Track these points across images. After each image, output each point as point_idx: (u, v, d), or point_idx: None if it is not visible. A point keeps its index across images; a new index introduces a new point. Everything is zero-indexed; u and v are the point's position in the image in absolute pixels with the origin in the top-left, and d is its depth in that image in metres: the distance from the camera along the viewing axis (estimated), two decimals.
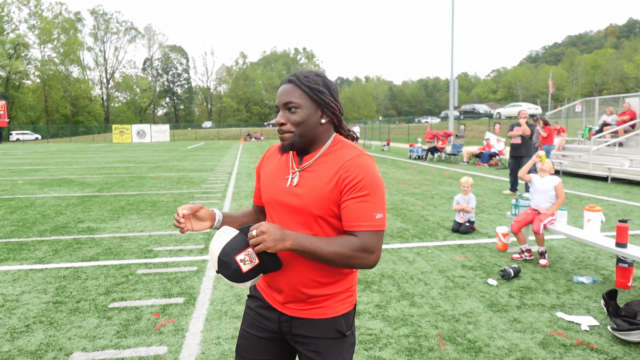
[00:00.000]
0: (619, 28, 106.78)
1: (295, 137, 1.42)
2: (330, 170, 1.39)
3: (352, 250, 1.33)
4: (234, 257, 1.33)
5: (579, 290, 4.03)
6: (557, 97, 71.85)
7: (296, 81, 1.41)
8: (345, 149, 1.43)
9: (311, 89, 1.40)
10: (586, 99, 17.11)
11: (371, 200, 1.35)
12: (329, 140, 1.47)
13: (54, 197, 9.37)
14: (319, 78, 1.44)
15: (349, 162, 1.38)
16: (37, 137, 55.98)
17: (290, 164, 1.49)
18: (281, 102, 1.42)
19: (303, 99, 1.40)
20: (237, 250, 1.34)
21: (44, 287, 4.13)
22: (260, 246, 1.25)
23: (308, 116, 1.41)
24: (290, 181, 1.45)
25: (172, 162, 19.04)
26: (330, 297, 1.46)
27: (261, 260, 1.36)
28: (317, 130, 1.44)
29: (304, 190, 1.41)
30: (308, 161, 1.45)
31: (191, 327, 3.32)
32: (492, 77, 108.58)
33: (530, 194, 5.16)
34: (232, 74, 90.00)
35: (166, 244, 5.62)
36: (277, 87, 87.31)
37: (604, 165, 12.09)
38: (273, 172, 1.53)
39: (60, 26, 69.92)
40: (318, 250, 1.30)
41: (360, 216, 1.34)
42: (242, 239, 1.36)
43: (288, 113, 1.41)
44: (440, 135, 19.77)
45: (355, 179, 1.35)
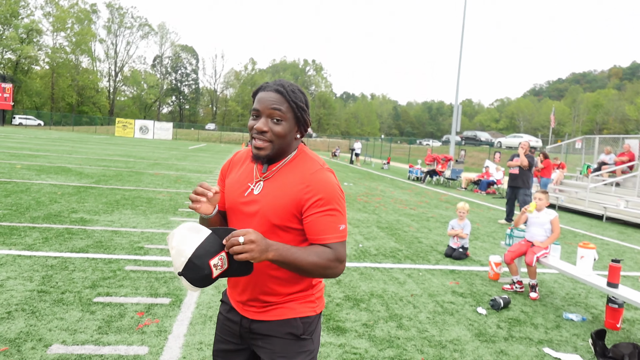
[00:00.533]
0: (622, 70, 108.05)
1: (274, 148, 1.42)
2: (292, 182, 1.42)
3: (328, 260, 1.36)
4: (208, 261, 1.24)
5: (567, 327, 4.00)
6: (558, 132, 72.36)
7: (285, 94, 1.42)
8: (307, 162, 1.46)
9: (298, 106, 1.43)
10: (586, 136, 17.22)
11: (335, 213, 1.39)
12: (293, 152, 1.50)
13: (50, 185, 9.32)
14: (302, 95, 1.46)
15: (310, 177, 1.41)
16: (39, 123, 55.91)
17: (254, 172, 1.51)
18: (267, 109, 1.41)
19: (289, 112, 1.42)
20: (212, 254, 1.25)
21: (30, 274, 4.08)
22: (244, 255, 1.21)
23: (289, 130, 1.43)
24: (252, 189, 1.47)
25: (172, 161, 19.02)
26: (289, 300, 1.48)
27: (230, 265, 1.29)
28: (290, 144, 1.47)
29: (266, 199, 1.43)
30: (271, 170, 1.47)
31: (175, 329, 3.28)
32: (495, 106, 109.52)
33: (526, 226, 5.15)
34: (240, 78, 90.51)
35: (158, 242, 5.58)
36: None
37: (600, 204, 12.12)
38: (238, 179, 1.54)
39: (75, 16, 70.38)
40: (298, 262, 1.30)
41: (327, 229, 1.38)
42: (216, 241, 1.27)
43: (271, 122, 1.41)
44: (441, 158, 19.83)
45: (317, 195, 1.38)
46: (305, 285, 1.50)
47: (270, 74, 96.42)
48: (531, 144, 10.86)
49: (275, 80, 1.48)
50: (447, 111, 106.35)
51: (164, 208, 7.90)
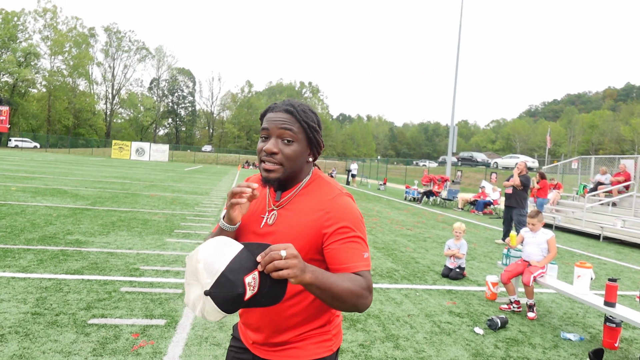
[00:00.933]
0: (616, 91, 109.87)
1: (285, 171, 1.33)
2: (309, 210, 1.33)
3: (362, 288, 1.24)
4: (243, 278, 1.06)
5: (565, 346, 3.98)
6: (554, 153, 73.00)
7: (296, 114, 1.33)
8: (324, 187, 1.37)
9: (309, 125, 1.35)
10: (582, 156, 17.39)
11: (358, 240, 1.30)
12: (308, 176, 1.41)
13: (46, 207, 9.29)
14: (314, 115, 1.38)
15: (329, 203, 1.32)
16: (35, 146, 55.97)
17: (267, 201, 1.42)
18: (277, 129, 1.32)
19: (300, 133, 1.34)
20: (247, 270, 1.07)
21: (24, 296, 4.04)
22: (286, 272, 1.06)
23: (301, 152, 1.35)
24: (266, 220, 1.38)
25: (168, 182, 19.01)
26: (304, 338, 1.37)
27: (260, 290, 1.10)
28: (302, 167, 1.38)
29: (282, 229, 1.33)
30: (285, 197, 1.38)
31: (170, 350, 3.24)
32: (491, 127, 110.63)
33: (523, 245, 5.17)
34: (236, 101, 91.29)
35: (153, 264, 5.55)
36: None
37: (597, 223, 12.16)
38: (250, 208, 1.43)
39: (73, 40, 71.31)
40: (334, 287, 1.17)
41: (352, 257, 1.28)
42: (250, 257, 1.10)
43: (282, 143, 1.32)
44: (437, 179, 19.92)
45: (338, 222, 1.29)
46: (323, 322, 1.39)
47: (267, 96, 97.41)
48: (527, 165, 10.97)
49: (284, 100, 1.39)
50: (443, 132, 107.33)
51: (160, 229, 7.87)
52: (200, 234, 7.77)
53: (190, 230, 8.00)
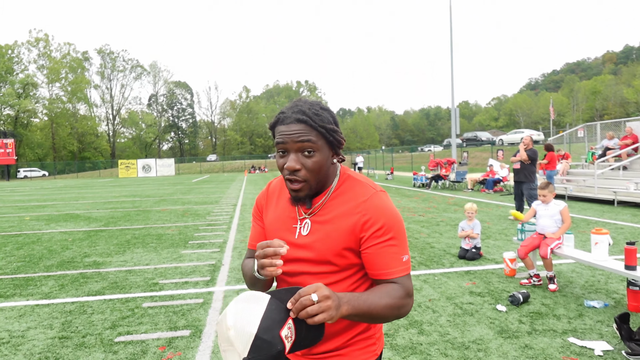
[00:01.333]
0: (616, 55, 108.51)
1: (313, 186, 1.24)
2: (344, 214, 1.25)
3: (401, 298, 1.20)
4: (279, 333, 0.98)
5: (590, 314, 3.96)
6: (559, 123, 72.35)
7: (310, 122, 1.21)
8: (356, 187, 1.29)
9: (327, 129, 1.23)
10: (588, 124, 17.23)
11: (396, 242, 1.23)
12: (336, 178, 1.32)
13: (61, 232, 9.40)
14: (327, 113, 1.28)
15: (365, 205, 1.24)
16: (44, 174, 56.62)
17: (297, 209, 1.33)
18: (294, 143, 1.21)
19: (319, 140, 1.23)
20: (280, 323, 1.00)
21: (50, 322, 4.11)
22: (321, 317, 1.00)
23: (325, 159, 1.25)
24: (299, 231, 1.30)
25: (177, 195, 19.14)
26: (349, 345, 1.30)
27: (298, 334, 1.03)
28: (328, 172, 1.29)
29: (318, 238, 1.26)
30: (316, 204, 1.29)
31: (197, 359, 3.28)
32: (493, 105, 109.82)
33: (536, 219, 5.14)
34: (235, 107, 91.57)
35: (172, 277, 5.60)
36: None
37: (609, 189, 12.05)
38: (278, 218, 1.36)
39: (68, 65, 71.92)
40: (372, 309, 1.13)
41: (390, 262, 1.22)
42: (279, 306, 1.02)
43: (302, 157, 1.21)
44: (444, 163, 19.85)
45: (376, 224, 1.22)
46: (366, 326, 1.33)
47: (265, 99, 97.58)
48: (533, 138, 10.90)
49: (291, 106, 1.26)
50: (445, 115, 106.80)
51: (175, 242, 7.94)
52: (214, 242, 7.83)
53: (204, 240, 8.05)
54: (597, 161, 13.86)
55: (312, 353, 1.31)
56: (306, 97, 79.94)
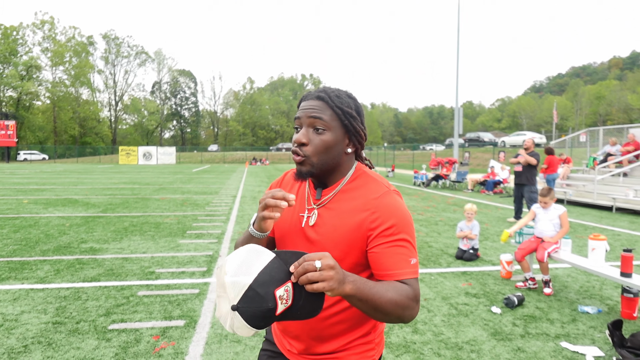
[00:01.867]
0: (622, 60, 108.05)
1: (316, 164, 1.22)
2: (354, 209, 1.22)
3: (408, 298, 1.13)
4: (274, 291, 0.97)
5: (583, 320, 3.97)
6: (562, 127, 72.22)
7: (327, 99, 1.21)
8: (369, 184, 1.26)
9: (344, 112, 1.22)
10: (590, 129, 17.19)
11: (406, 244, 1.19)
12: (350, 171, 1.29)
13: (58, 217, 9.41)
14: (350, 100, 1.26)
15: (376, 202, 1.21)
16: (44, 157, 56.57)
17: (306, 198, 1.31)
18: (307, 118, 1.21)
19: (334, 120, 1.22)
20: (278, 282, 0.98)
21: (44, 307, 4.11)
22: (321, 285, 0.96)
23: (335, 142, 1.22)
24: (307, 220, 1.27)
25: (177, 185, 19.14)
26: (347, 348, 1.28)
27: (295, 302, 1.02)
28: (340, 160, 1.26)
29: (324, 230, 1.23)
30: (327, 196, 1.27)
31: (191, 350, 3.28)
32: (496, 106, 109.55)
33: (535, 222, 5.13)
34: (239, 98, 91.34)
35: (168, 266, 5.61)
36: (283, 112, 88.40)
37: (608, 195, 12.04)
38: (288, 207, 1.32)
39: (72, 49, 71.59)
40: (377, 298, 1.07)
41: (398, 263, 1.17)
42: (282, 267, 1.01)
43: (312, 133, 1.21)
44: (445, 162, 19.82)
45: (385, 223, 1.18)
46: (367, 329, 1.30)
47: (269, 91, 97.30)
48: (535, 141, 10.89)
49: (320, 87, 1.29)
50: (449, 115, 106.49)
51: (173, 232, 7.94)
52: (212, 233, 7.83)
53: (202, 231, 8.06)
54: (598, 167, 13.84)
55: (310, 353, 1.30)
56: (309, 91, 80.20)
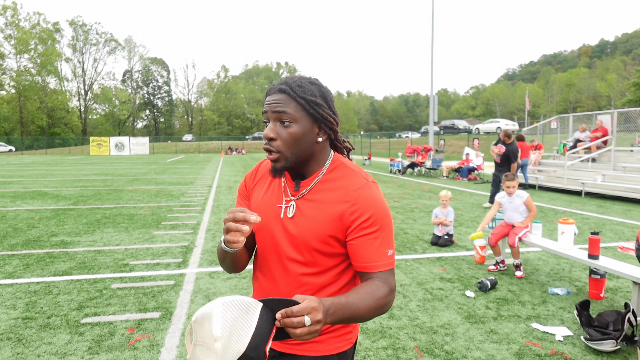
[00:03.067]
0: (591, 48, 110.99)
1: (288, 158, 1.22)
2: (333, 201, 1.23)
3: (384, 297, 1.18)
4: (264, 349, 0.96)
5: (553, 301, 4.10)
6: (534, 114, 73.87)
7: (289, 91, 1.20)
8: (348, 175, 1.26)
9: (307, 101, 1.21)
10: (561, 115, 17.60)
11: (382, 236, 1.22)
12: (327, 161, 1.29)
13: (27, 210, 9.12)
14: (314, 87, 1.24)
15: (355, 194, 1.22)
16: (10, 149, 54.57)
17: (283, 189, 1.30)
18: (272, 112, 1.21)
19: (298, 112, 1.20)
20: (267, 337, 0.96)
21: (13, 302, 3.99)
22: (307, 337, 0.97)
23: (304, 133, 1.21)
24: (285, 211, 1.27)
25: (151, 175, 18.78)
26: (327, 332, 1.30)
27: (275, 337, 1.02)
28: (312, 150, 1.25)
29: (304, 222, 1.23)
30: (305, 188, 1.27)
31: (167, 342, 3.25)
32: (471, 93, 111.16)
33: (502, 212, 5.24)
34: (213, 87, 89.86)
35: (143, 258, 5.51)
36: (259, 100, 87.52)
37: (577, 180, 12.41)
38: (264, 196, 1.33)
39: (37, 36, 68.84)
40: (356, 314, 1.12)
41: (374, 256, 1.20)
42: (269, 319, 0.98)
43: (280, 126, 1.21)
44: (420, 150, 20.04)
45: (364, 215, 1.20)
46: None
47: (244, 79, 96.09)
48: (508, 128, 11.08)
49: (282, 78, 1.28)
50: (424, 102, 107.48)
51: (147, 223, 7.80)
52: (187, 224, 7.73)
53: (177, 222, 7.94)
54: (568, 153, 14.23)
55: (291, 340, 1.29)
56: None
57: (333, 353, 1.30)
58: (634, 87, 47.12)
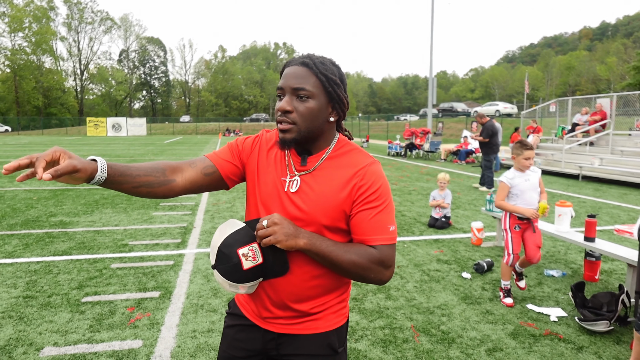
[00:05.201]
0: (592, 31, 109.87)
1: (301, 131, 1.21)
2: (341, 177, 1.24)
3: (370, 262, 1.20)
4: (236, 250, 1.18)
5: (549, 283, 4.15)
6: (533, 97, 73.53)
7: (312, 66, 1.21)
8: (355, 154, 1.29)
9: (328, 79, 1.22)
10: (560, 99, 17.54)
11: (386, 210, 1.24)
12: (333, 140, 1.30)
13: (25, 191, 9.11)
14: (335, 68, 1.26)
15: (364, 170, 1.24)
16: (7, 129, 54.18)
17: (287, 164, 1.29)
18: (290, 85, 1.20)
19: (317, 88, 1.21)
20: (241, 243, 1.19)
21: (14, 281, 4.02)
22: (269, 239, 1.13)
23: (319, 109, 1.22)
24: (288, 186, 1.26)
25: (148, 156, 18.73)
26: (324, 308, 1.32)
27: (265, 259, 1.21)
28: (323, 127, 1.26)
29: (311, 197, 1.24)
30: (313, 163, 1.27)
31: (167, 320, 3.29)
32: (470, 76, 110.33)
33: (515, 195, 3.67)
34: (210, 67, 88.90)
35: (142, 238, 5.54)
36: (256, 82, 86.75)
37: (575, 164, 12.44)
38: (268, 168, 1.31)
39: (32, 14, 67.66)
40: (334, 256, 1.17)
41: (376, 228, 1.22)
42: (248, 232, 1.21)
43: (296, 100, 1.20)
44: (419, 132, 19.99)
45: (371, 188, 1.22)
46: (342, 290, 1.35)
47: (242, 60, 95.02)
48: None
49: (303, 54, 1.28)
50: (423, 85, 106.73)
51: (145, 204, 7.81)
52: (186, 204, 7.75)
53: (176, 202, 7.96)
54: (566, 136, 14.22)
55: (287, 317, 1.31)
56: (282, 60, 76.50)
57: (331, 329, 1.32)
58: (634, 71, 46.79)
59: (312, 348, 1.31)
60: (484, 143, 9.82)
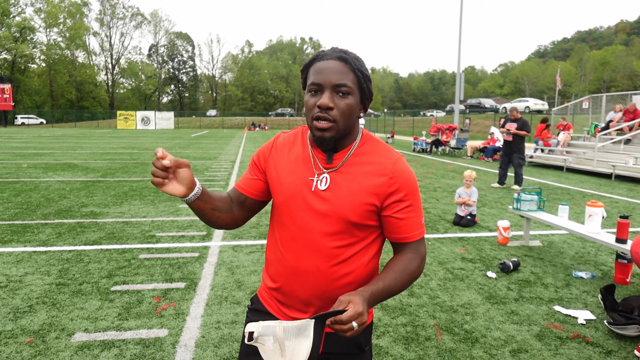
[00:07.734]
0: (629, 24, 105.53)
1: (340, 129, 1.19)
2: (369, 173, 1.23)
3: (417, 269, 1.27)
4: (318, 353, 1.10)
5: (577, 284, 4.05)
6: (565, 93, 71.36)
7: (351, 62, 1.19)
8: (380, 148, 1.28)
9: (364, 75, 1.21)
10: (593, 95, 17.01)
11: (416, 206, 1.27)
12: (358, 136, 1.29)
13: (58, 182, 9.43)
14: (364, 64, 1.24)
15: (392, 167, 1.23)
16: (42, 122, 56.14)
17: (313, 161, 1.27)
18: (331, 81, 1.16)
19: (355, 84, 1.20)
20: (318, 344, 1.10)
21: (47, 269, 4.18)
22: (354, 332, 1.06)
23: (356, 106, 1.22)
24: (316, 184, 1.24)
25: (175, 150, 19.08)
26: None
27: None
28: (355, 124, 1.25)
29: (340, 194, 1.22)
30: (339, 160, 1.25)
31: (192, 311, 3.36)
32: (499, 71, 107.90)
33: None
34: (237, 62, 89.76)
35: (168, 230, 5.66)
36: (282, 77, 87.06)
37: (608, 163, 12.04)
38: (290, 168, 1.29)
39: (66, 10, 69.76)
40: (393, 293, 1.22)
41: (412, 226, 1.26)
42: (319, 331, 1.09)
43: (337, 97, 1.17)
44: (445, 128, 19.71)
45: (402, 190, 1.23)
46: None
47: (268, 55, 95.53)
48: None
49: (332, 47, 1.24)
50: (450, 80, 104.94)
51: (172, 197, 7.97)
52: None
53: None
54: (599, 134, 13.77)
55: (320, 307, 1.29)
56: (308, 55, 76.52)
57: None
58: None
59: (339, 346, 1.28)
60: (519, 139, 9.53)
